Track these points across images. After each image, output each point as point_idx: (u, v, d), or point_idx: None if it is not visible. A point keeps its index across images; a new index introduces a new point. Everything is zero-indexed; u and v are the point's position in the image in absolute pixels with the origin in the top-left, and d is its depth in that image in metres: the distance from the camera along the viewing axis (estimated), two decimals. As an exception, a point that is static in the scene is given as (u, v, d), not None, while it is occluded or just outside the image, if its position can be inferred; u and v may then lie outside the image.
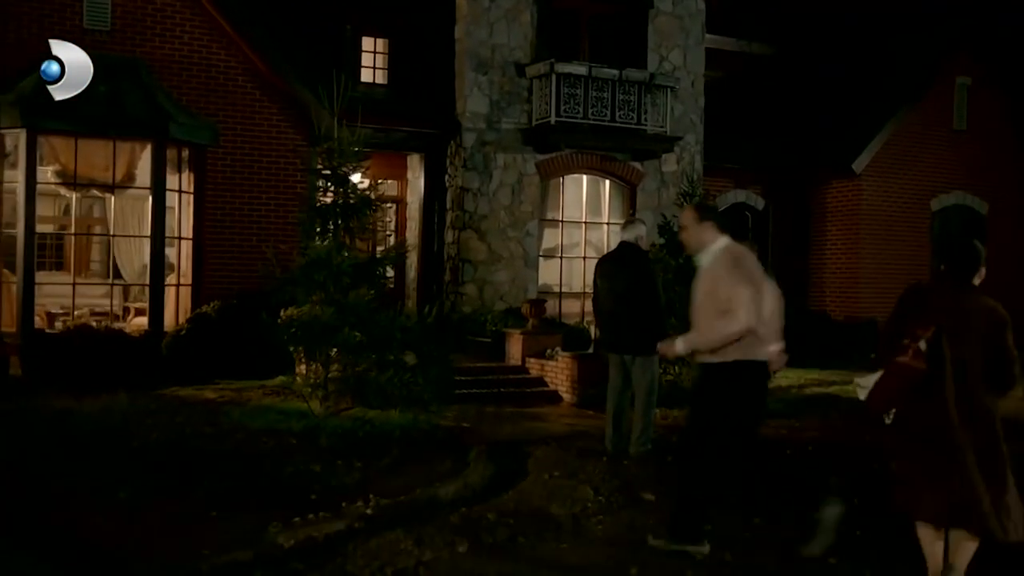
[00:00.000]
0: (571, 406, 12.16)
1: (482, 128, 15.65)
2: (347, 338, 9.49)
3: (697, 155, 17.44)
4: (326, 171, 10.23)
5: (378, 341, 9.55)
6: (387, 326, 9.54)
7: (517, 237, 15.94)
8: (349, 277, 9.70)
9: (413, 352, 9.94)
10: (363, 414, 9.98)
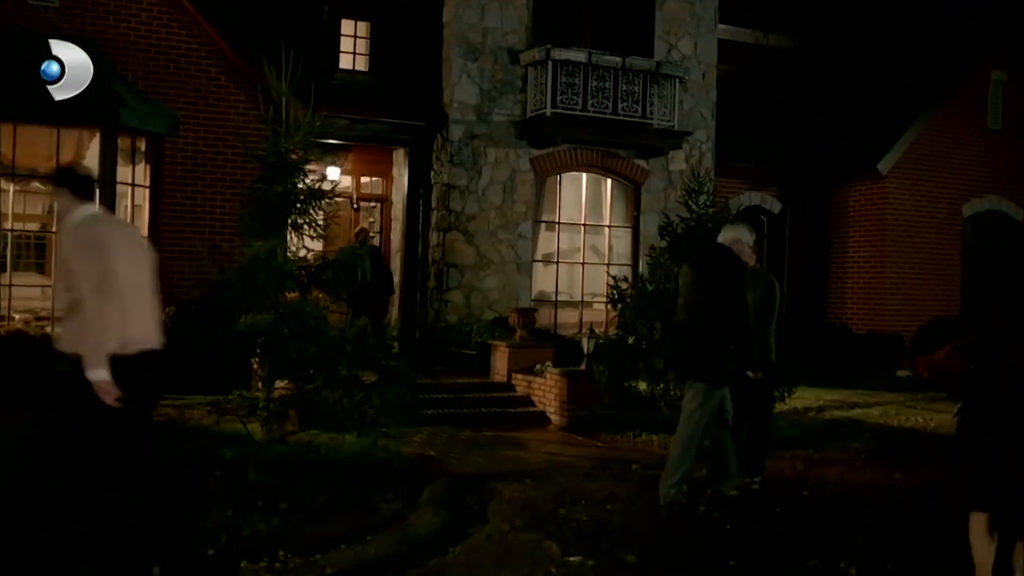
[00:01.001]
0: (559, 430, 10.77)
1: (471, 120, 14.29)
2: (288, 351, 8.13)
3: (708, 153, 16.02)
4: (272, 158, 8.84)
5: (326, 355, 8.19)
6: (336, 338, 8.17)
7: (509, 240, 14.55)
8: (293, 280, 8.35)
9: (372, 368, 8.59)
10: (312, 439, 8.65)
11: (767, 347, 7.81)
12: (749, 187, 17.39)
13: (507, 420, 11.06)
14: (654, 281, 10.31)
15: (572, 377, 11.03)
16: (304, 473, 7.64)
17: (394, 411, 8.49)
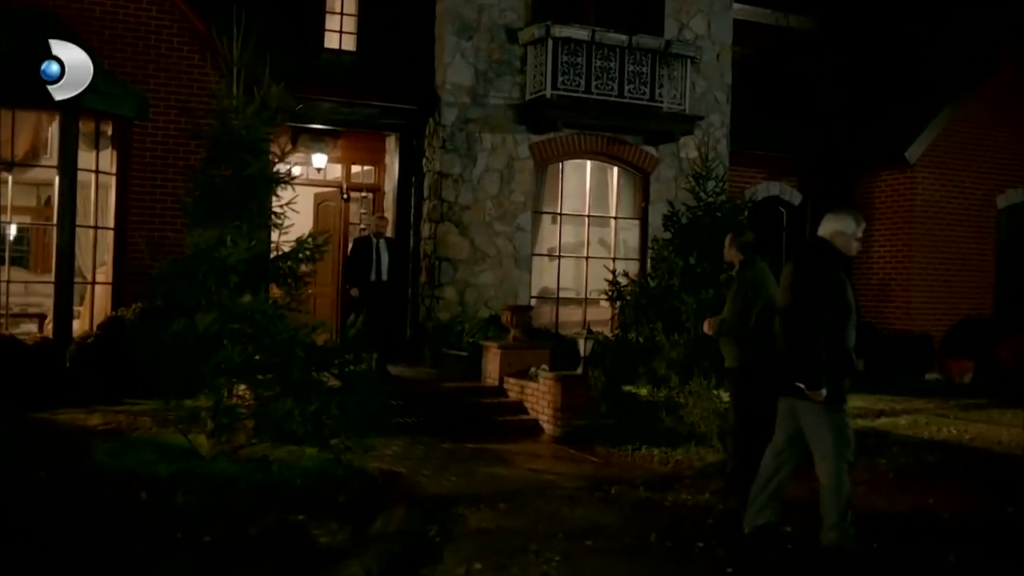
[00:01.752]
0: (552, 441, 9.75)
1: (465, 103, 13.26)
2: (231, 355, 7.15)
3: (723, 139, 14.93)
4: (221, 136, 7.87)
5: (273, 359, 7.21)
6: (287, 340, 7.18)
7: (506, 232, 13.52)
8: (239, 275, 7.37)
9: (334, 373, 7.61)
10: (268, 453, 7.67)
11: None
12: (767, 177, 16.29)
13: (495, 429, 10.06)
14: (656, 276, 9.27)
15: (566, 382, 10.00)
16: (244, 496, 6.70)
17: (356, 422, 7.51)
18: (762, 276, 7.19)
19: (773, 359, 7.11)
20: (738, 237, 7.33)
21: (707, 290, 8.64)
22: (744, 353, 7.06)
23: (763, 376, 7.06)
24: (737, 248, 7.27)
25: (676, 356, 8.54)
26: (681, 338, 8.54)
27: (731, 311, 7.13)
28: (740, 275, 7.23)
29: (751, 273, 7.20)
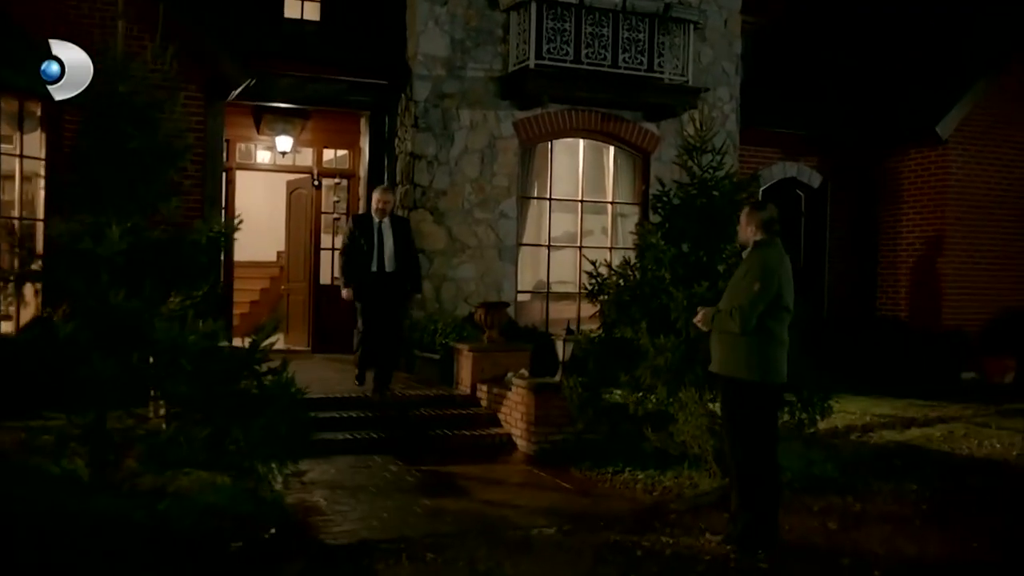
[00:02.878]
0: (524, 461, 8.37)
1: (440, 75, 11.86)
2: (101, 368, 5.80)
3: (732, 115, 13.45)
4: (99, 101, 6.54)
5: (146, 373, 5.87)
6: (169, 348, 5.82)
7: (488, 220, 12.12)
8: (112, 272, 6.01)
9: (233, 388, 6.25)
10: (167, 483, 6.32)
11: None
12: (782, 156, 14.77)
13: (460, 447, 8.69)
14: (642, 267, 7.85)
15: (541, 391, 8.59)
16: (105, 543, 5.34)
17: (263, 447, 6.14)
18: (778, 261, 5.78)
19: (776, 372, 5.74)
20: (758, 211, 5.91)
21: (701, 283, 7.20)
22: (740, 358, 5.65)
23: (762, 392, 5.68)
24: (757, 225, 5.86)
25: (663, 362, 7.11)
26: (669, 340, 7.10)
27: (731, 300, 5.72)
28: (753, 255, 5.83)
29: (768, 253, 5.78)
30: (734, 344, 5.67)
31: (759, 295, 5.60)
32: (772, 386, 5.73)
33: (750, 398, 5.67)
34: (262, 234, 16.37)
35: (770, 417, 5.81)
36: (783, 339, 5.75)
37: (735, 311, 5.61)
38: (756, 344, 5.63)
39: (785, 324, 5.76)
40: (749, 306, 5.59)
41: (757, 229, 5.84)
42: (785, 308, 5.72)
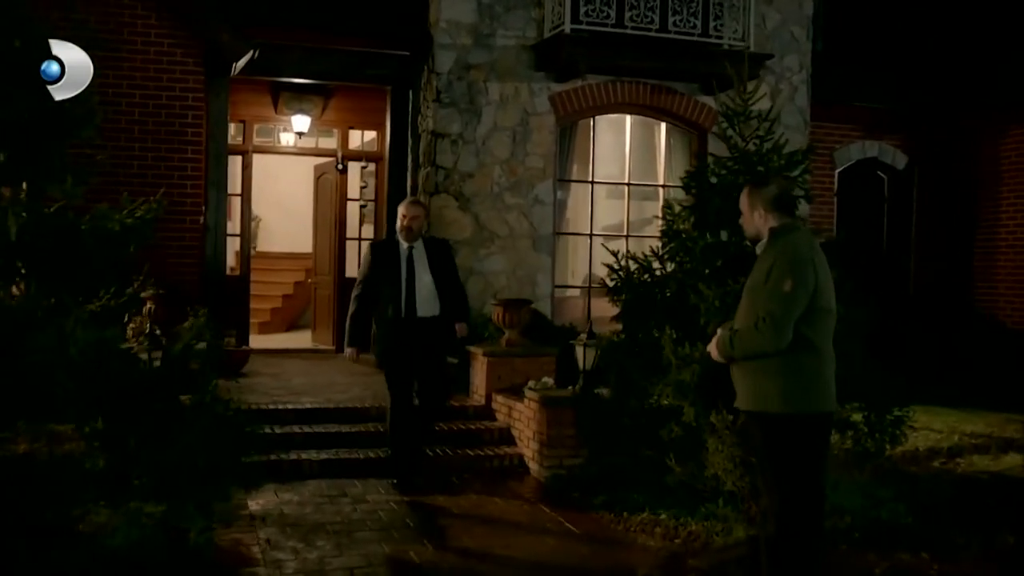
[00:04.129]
0: (535, 489, 7.08)
1: (466, 44, 10.57)
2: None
3: (802, 86, 11.88)
4: None
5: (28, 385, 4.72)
6: (39, 362, 4.66)
7: (520, 206, 10.80)
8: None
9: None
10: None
11: None
12: (862, 134, 13.11)
13: (462, 469, 7.43)
14: (666, 256, 6.46)
15: (554, 406, 7.28)
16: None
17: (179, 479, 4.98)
18: (810, 248, 4.38)
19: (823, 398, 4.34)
20: (761, 188, 4.53)
21: (738, 279, 5.78)
22: (773, 385, 4.24)
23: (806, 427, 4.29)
24: (766, 206, 4.47)
25: (689, 377, 5.71)
26: (696, 350, 5.70)
27: (751, 312, 4.32)
28: (772, 247, 4.41)
29: (794, 239, 4.39)
30: (763, 367, 4.26)
31: (793, 296, 4.18)
32: (818, 417, 4.32)
33: (790, 437, 4.26)
34: (296, 223, 15.36)
35: (817, 460, 4.38)
36: (828, 352, 4.34)
37: (763, 322, 4.19)
38: (794, 363, 4.23)
39: (830, 332, 4.35)
40: (782, 311, 4.18)
41: (767, 211, 4.43)
42: (826, 310, 4.30)
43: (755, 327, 4.20)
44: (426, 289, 6.85)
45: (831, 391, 4.32)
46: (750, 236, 4.56)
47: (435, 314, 6.88)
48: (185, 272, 10.11)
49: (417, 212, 7.03)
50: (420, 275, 6.88)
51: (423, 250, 6.97)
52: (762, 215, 4.46)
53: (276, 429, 7.74)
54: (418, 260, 6.91)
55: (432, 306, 6.87)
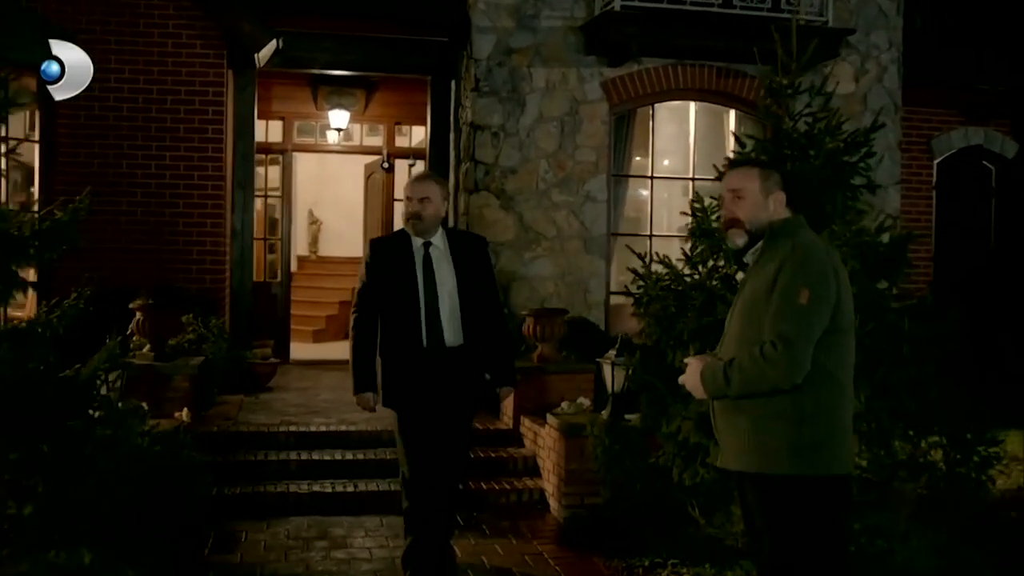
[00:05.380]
0: (551, 531, 6.09)
1: (507, 27, 9.62)
2: None
3: (891, 66, 10.55)
4: None
5: None
6: None
7: (570, 204, 9.79)
8: None
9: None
10: None
11: None
12: (964, 120, 11.67)
13: (474, 506, 6.47)
14: (696, 260, 5.39)
15: (576, 436, 6.26)
16: None
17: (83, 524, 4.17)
18: (826, 251, 3.31)
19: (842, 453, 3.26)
20: (767, 169, 3.50)
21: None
22: (777, 436, 3.17)
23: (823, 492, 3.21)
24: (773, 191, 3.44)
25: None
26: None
27: (749, 335, 3.26)
28: (776, 247, 3.34)
29: (807, 238, 3.36)
30: (765, 411, 3.19)
31: (812, 311, 3.12)
32: (839, 482, 3.23)
33: (802, 508, 3.18)
34: (355, 226, 14.65)
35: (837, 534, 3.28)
36: (851, 390, 3.26)
37: (772, 347, 3.11)
38: (809, 404, 3.16)
39: (851, 361, 3.27)
40: (798, 332, 3.10)
41: (776, 200, 3.38)
42: (847, 332, 3.23)
43: (761, 354, 3.13)
44: (450, 304, 4.79)
45: (851, 446, 3.24)
46: (751, 226, 3.43)
47: (463, 342, 4.80)
48: (207, 278, 9.44)
49: (427, 190, 4.79)
50: (442, 283, 4.79)
51: (445, 247, 4.87)
52: (780, 203, 3.40)
53: (271, 456, 6.96)
54: (439, 261, 4.83)
55: (457, 330, 4.79)
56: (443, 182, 5.04)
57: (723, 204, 3.49)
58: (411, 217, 4.81)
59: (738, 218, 3.40)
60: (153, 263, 9.23)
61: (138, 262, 9.14)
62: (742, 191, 3.40)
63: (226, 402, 8.40)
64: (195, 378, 7.27)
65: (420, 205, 4.78)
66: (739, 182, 3.42)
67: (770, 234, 3.33)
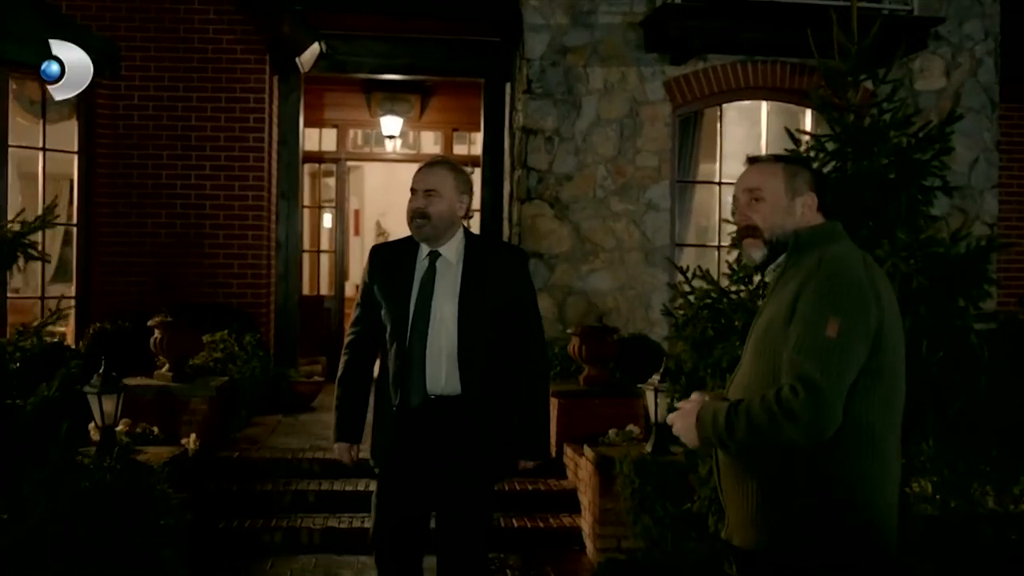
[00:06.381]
0: (590, 573, 5.42)
1: (561, 24, 9.02)
2: None
3: (987, 59, 9.61)
4: None
5: None
6: None
7: (630, 213, 9.13)
8: None
9: None
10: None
11: None
12: (1074, 119, 10.64)
13: (503, 547, 5.86)
14: (740, 275, 4.70)
15: (611, 470, 5.60)
16: None
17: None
18: (862, 268, 2.58)
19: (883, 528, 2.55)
20: (795, 166, 2.81)
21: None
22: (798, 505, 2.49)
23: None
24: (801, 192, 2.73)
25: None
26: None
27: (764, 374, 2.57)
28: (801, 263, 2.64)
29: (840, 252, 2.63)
30: (777, 473, 2.52)
31: (844, 346, 2.42)
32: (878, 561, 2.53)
33: None
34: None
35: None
36: (894, 449, 2.56)
37: (792, 392, 2.42)
38: (832, 468, 2.46)
39: (897, 408, 2.57)
40: (827, 375, 2.40)
41: (804, 203, 2.69)
42: (884, 371, 2.52)
43: (776, 400, 2.44)
44: (447, 340, 3.63)
45: (894, 524, 2.53)
46: (770, 236, 2.72)
47: (463, 392, 3.62)
48: (248, 293, 9.06)
49: (437, 180, 3.68)
50: (440, 308, 3.67)
51: (459, 259, 3.72)
52: (810, 207, 2.71)
53: (292, 485, 6.47)
54: (445, 279, 3.69)
55: (453, 377, 3.63)
56: (461, 171, 3.81)
57: (737, 208, 2.81)
58: (414, 216, 3.66)
59: (755, 225, 2.71)
60: (193, 277, 8.92)
61: (177, 276, 8.85)
62: (761, 191, 2.71)
63: (260, 423, 7.99)
64: (214, 400, 6.83)
65: (426, 200, 3.64)
66: (758, 179, 2.74)
67: (795, 244, 2.65)
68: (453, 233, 3.71)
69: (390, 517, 3.67)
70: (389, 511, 3.67)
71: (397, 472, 3.67)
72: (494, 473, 3.77)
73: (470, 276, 3.67)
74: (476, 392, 3.61)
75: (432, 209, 3.63)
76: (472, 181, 3.86)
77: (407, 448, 3.64)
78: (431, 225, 3.64)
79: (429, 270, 3.70)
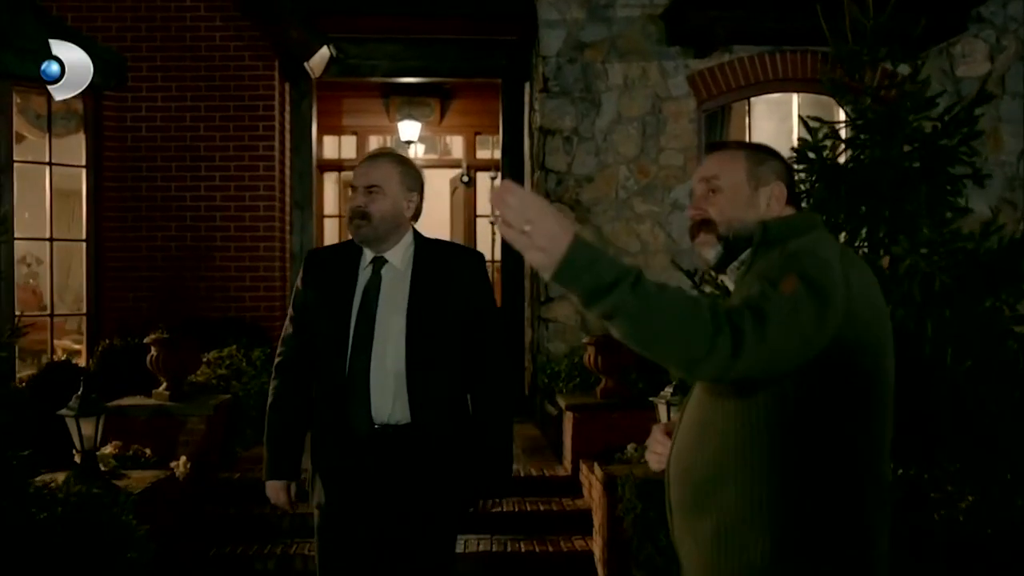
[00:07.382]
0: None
1: (577, 19, 8.63)
2: None
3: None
4: None
5: None
6: None
7: (654, 215, 8.71)
8: None
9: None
10: None
11: None
12: None
13: (511, 572, 5.50)
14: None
15: (614, 490, 5.20)
16: None
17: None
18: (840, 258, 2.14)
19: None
20: (758, 153, 2.39)
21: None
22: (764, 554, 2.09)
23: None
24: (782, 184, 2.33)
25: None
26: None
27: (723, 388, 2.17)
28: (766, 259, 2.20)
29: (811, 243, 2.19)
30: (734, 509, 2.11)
31: (798, 306, 1.94)
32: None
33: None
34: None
35: None
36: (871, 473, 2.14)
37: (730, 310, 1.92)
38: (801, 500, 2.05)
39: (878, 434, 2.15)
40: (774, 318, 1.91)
41: (771, 194, 2.27)
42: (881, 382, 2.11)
43: (711, 305, 1.91)
44: (393, 358, 3.19)
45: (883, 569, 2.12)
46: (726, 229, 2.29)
47: (413, 421, 3.18)
48: (261, 306, 8.80)
49: (379, 175, 3.25)
50: (386, 323, 3.22)
51: (408, 266, 3.30)
52: (778, 199, 2.30)
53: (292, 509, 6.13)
54: (391, 289, 3.26)
55: (394, 401, 3.19)
56: (410, 164, 3.36)
57: (692, 201, 2.40)
58: (352, 216, 3.23)
59: (709, 218, 2.29)
60: (204, 290, 8.69)
61: (188, 289, 8.63)
62: (719, 179, 2.29)
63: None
64: (213, 419, 6.55)
65: (367, 197, 3.20)
66: (716, 168, 2.32)
67: (763, 237, 2.22)
68: (400, 236, 3.29)
69: (336, 562, 3.27)
70: (328, 551, 3.27)
71: (339, 514, 3.24)
72: (451, 513, 3.30)
73: (421, 285, 3.23)
74: (429, 419, 3.17)
75: (373, 208, 3.19)
76: (422, 176, 3.45)
77: (350, 486, 3.21)
78: (371, 226, 3.20)
79: (373, 278, 3.26)
